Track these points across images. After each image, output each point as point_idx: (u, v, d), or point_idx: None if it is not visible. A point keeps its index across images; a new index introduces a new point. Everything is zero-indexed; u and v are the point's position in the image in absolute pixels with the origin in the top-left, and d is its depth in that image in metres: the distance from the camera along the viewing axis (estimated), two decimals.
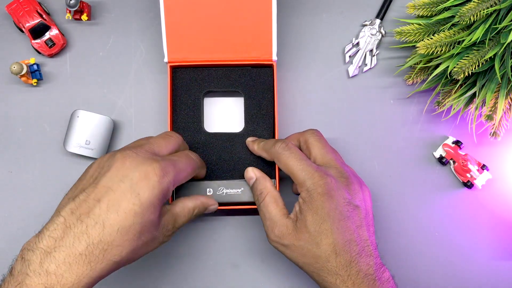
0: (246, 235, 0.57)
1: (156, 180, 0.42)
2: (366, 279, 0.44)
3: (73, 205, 0.41)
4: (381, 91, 0.59)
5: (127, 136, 0.58)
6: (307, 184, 0.46)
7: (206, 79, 0.55)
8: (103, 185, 0.41)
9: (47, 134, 0.57)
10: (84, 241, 0.39)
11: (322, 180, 0.46)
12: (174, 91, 0.55)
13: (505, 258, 0.57)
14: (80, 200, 0.41)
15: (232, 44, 0.53)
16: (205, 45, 0.53)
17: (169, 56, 0.53)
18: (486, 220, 0.57)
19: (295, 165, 0.47)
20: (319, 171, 0.46)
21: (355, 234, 0.45)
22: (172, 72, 0.54)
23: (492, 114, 0.52)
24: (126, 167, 0.42)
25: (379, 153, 0.58)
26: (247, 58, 0.54)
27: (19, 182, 0.57)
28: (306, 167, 0.47)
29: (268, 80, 0.55)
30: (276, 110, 0.54)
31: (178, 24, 0.52)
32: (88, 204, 0.40)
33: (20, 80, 0.58)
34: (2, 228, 0.56)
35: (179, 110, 0.55)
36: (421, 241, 0.57)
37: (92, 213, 0.40)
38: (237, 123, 0.57)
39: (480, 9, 0.47)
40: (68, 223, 0.40)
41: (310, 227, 0.45)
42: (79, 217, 0.40)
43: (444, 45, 0.50)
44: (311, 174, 0.46)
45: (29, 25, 0.56)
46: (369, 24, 0.59)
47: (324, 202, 0.45)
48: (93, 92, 0.58)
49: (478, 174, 0.56)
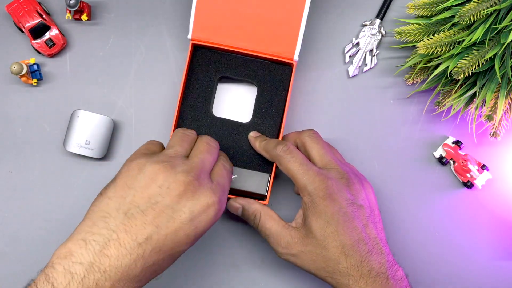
0: (246, 235, 0.57)
1: (213, 215, 0.42)
2: (378, 278, 0.44)
3: (126, 222, 0.39)
4: (381, 91, 0.59)
5: (127, 136, 0.58)
6: (309, 189, 0.46)
7: (224, 64, 0.55)
8: (163, 211, 0.40)
9: (47, 134, 0.57)
10: (140, 265, 0.39)
11: (323, 184, 0.46)
12: (190, 69, 0.55)
13: (505, 258, 0.57)
14: (136, 220, 0.40)
15: (257, 35, 0.53)
16: (231, 31, 0.53)
17: (193, 34, 0.53)
18: (486, 220, 0.57)
19: (296, 170, 0.47)
20: (319, 175, 0.46)
21: (363, 233, 0.45)
22: (192, 50, 0.54)
23: (492, 114, 0.52)
24: (188, 196, 0.41)
25: (379, 153, 0.58)
26: (269, 53, 0.53)
27: (19, 182, 0.57)
28: (307, 171, 0.47)
29: (285, 78, 0.55)
30: (287, 109, 0.54)
31: (208, 4, 0.52)
32: (146, 229, 0.39)
33: (20, 80, 0.58)
34: (2, 228, 0.56)
35: (191, 88, 0.54)
36: (421, 241, 0.57)
37: (150, 239, 0.39)
38: (245, 113, 0.56)
39: (480, 9, 0.47)
40: (122, 242, 0.39)
41: (315, 232, 0.45)
42: (135, 239, 0.39)
43: (444, 45, 0.50)
44: (312, 178, 0.46)
45: (29, 25, 0.56)
46: (369, 24, 0.59)
47: (326, 205, 0.45)
48: (93, 92, 0.58)
49: (478, 174, 0.56)
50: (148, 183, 0.41)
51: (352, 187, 0.47)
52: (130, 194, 0.41)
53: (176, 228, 0.40)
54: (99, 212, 0.41)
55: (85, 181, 0.57)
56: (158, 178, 0.41)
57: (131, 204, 0.40)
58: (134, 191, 0.41)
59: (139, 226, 0.39)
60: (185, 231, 0.41)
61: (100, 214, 0.40)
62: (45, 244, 0.56)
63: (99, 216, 0.40)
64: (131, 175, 0.42)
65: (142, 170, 0.42)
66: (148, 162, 0.42)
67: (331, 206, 0.45)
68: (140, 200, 0.41)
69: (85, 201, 0.57)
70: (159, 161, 0.42)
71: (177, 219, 0.40)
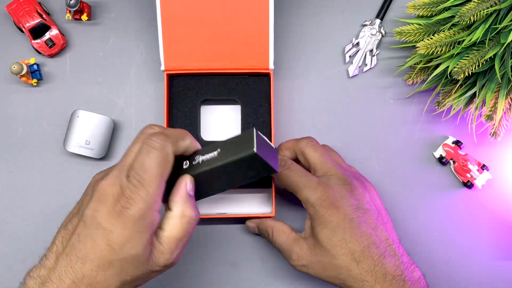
0: (246, 234, 0.57)
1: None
2: (394, 281, 0.43)
3: (63, 233, 0.40)
4: (381, 91, 0.59)
5: (127, 136, 0.58)
6: (311, 201, 0.46)
7: (203, 87, 0.55)
8: (82, 219, 0.39)
9: (47, 134, 0.57)
10: (70, 276, 0.38)
11: (324, 193, 0.45)
12: (171, 99, 0.55)
13: (505, 258, 0.57)
14: (67, 230, 0.40)
15: (228, 53, 0.53)
16: (202, 54, 0.53)
17: (166, 65, 0.53)
18: (486, 220, 0.57)
19: (297, 183, 0.47)
20: (320, 184, 0.46)
21: (373, 237, 0.45)
22: (168, 80, 0.55)
23: (492, 114, 0.52)
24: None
25: (379, 153, 0.58)
26: (244, 67, 0.54)
27: (19, 182, 0.57)
28: (307, 183, 0.46)
29: (265, 88, 0.55)
30: (273, 120, 0.54)
31: (174, 33, 0.52)
32: (72, 238, 0.39)
33: (20, 80, 0.58)
34: (2, 228, 0.56)
35: (175, 118, 0.55)
36: (421, 241, 0.57)
37: (74, 248, 0.38)
38: (234, 131, 0.57)
39: (480, 9, 0.47)
40: (58, 252, 0.39)
41: (323, 242, 0.45)
42: (65, 249, 0.39)
43: (444, 45, 0.50)
44: (313, 189, 0.46)
45: (29, 25, 0.56)
46: (369, 24, 0.59)
47: (331, 215, 0.45)
48: (93, 92, 0.58)
49: (478, 174, 0.56)
50: (86, 192, 0.43)
51: (355, 192, 0.47)
52: (78, 204, 0.42)
53: (92, 234, 0.38)
54: (62, 222, 0.42)
55: (85, 181, 0.57)
56: (90, 186, 0.43)
57: (72, 214, 0.41)
58: (80, 201, 0.42)
59: (68, 236, 0.39)
60: (101, 235, 0.38)
61: (60, 226, 0.41)
62: (45, 244, 0.56)
63: (58, 229, 0.41)
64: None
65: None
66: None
67: (336, 214, 0.45)
68: (77, 209, 0.41)
69: None
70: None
71: (91, 224, 0.39)
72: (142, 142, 0.40)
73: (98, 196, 0.39)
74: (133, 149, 0.41)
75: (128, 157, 0.41)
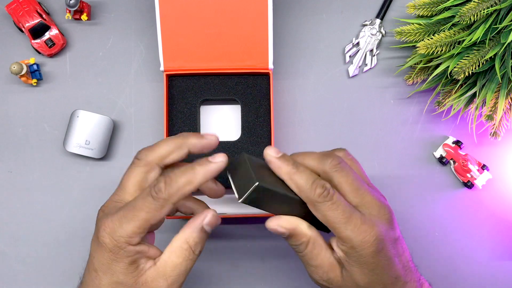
0: (246, 234, 0.57)
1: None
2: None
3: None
4: (381, 91, 0.59)
5: (127, 136, 0.58)
6: (354, 242, 0.39)
7: (202, 87, 0.55)
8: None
9: (47, 134, 0.57)
10: None
11: (371, 236, 0.39)
12: (170, 99, 0.55)
13: (505, 258, 0.57)
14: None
15: (228, 53, 0.53)
16: (201, 54, 0.53)
17: (165, 65, 0.53)
18: (486, 220, 0.57)
19: (338, 219, 0.39)
20: (364, 223, 0.39)
21: (399, 268, 0.41)
22: (168, 81, 0.55)
23: (493, 114, 0.52)
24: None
25: (379, 153, 0.58)
26: (243, 67, 0.54)
27: (19, 182, 0.57)
28: (350, 220, 0.39)
29: (264, 87, 0.55)
30: (272, 119, 0.54)
31: (173, 33, 0.52)
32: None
33: (20, 80, 0.58)
34: (2, 228, 0.56)
35: (175, 119, 0.55)
36: (421, 241, 0.57)
37: (84, 275, 0.41)
38: (234, 131, 0.57)
39: (480, 9, 0.47)
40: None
41: (358, 281, 0.41)
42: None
43: (444, 45, 0.50)
44: (357, 229, 0.39)
45: (29, 25, 0.56)
46: (369, 24, 0.59)
47: (374, 258, 0.40)
48: (93, 92, 0.58)
49: (478, 174, 0.56)
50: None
51: (393, 222, 0.42)
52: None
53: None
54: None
55: (85, 181, 0.57)
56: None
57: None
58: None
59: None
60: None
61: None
62: (45, 244, 0.56)
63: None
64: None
65: None
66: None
67: (379, 258, 0.40)
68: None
69: (85, 201, 0.57)
70: None
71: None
72: (135, 174, 0.41)
73: (96, 220, 0.40)
74: (126, 179, 0.41)
75: (122, 186, 0.41)
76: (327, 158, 0.41)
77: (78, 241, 0.56)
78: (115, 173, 0.57)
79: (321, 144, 0.58)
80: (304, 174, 0.40)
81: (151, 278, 0.39)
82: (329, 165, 0.40)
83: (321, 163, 0.41)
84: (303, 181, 0.39)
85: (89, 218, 0.56)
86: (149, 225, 0.38)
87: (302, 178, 0.40)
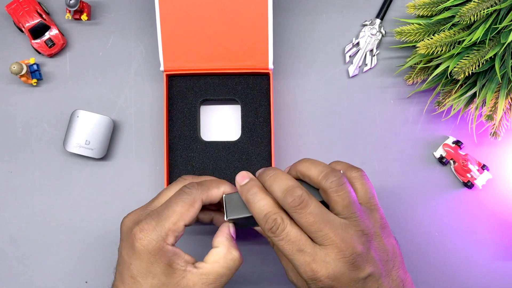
0: (246, 234, 0.57)
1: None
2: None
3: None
4: (381, 91, 0.59)
5: (127, 136, 0.58)
6: (304, 277, 0.40)
7: (202, 87, 0.55)
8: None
9: (47, 134, 0.57)
10: None
11: (321, 275, 0.39)
12: (170, 99, 0.55)
13: (505, 258, 0.57)
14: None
15: (228, 53, 0.53)
16: (201, 54, 0.53)
17: (165, 65, 0.53)
18: (486, 220, 0.57)
19: (287, 252, 0.40)
20: (316, 262, 0.40)
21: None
22: (168, 81, 0.55)
23: (493, 114, 0.52)
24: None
25: (379, 153, 0.58)
26: (243, 67, 0.54)
27: (19, 182, 0.57)
28: (298, 256, 0.40)
29: (264, 87, 0.55)
30: (272, 119, 0.54)
31: (173, 33, 0.52)
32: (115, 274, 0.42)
33: (20, 80, 0.58)
34: (2, 228, 0.56)
35: (175, 119, 0.55)
36: (421, 241, 0.57)
37: (115, 285, 0.41)
38: (234, 131, 0.57)
39: (480, 9, 0.47)
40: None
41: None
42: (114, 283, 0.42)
43: (444, 45, 0.50)
44: (306, 265, 0.40)
45: (29, 25, 0.56)
46: (369, 24, 0.59)
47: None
48: (93, 92, 0.58)
49: (478, 174, 0.56)
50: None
51: (355, 263, 0.40)
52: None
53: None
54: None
55: (85, 181, 0.57)
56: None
57: (121, 268, 0.42)
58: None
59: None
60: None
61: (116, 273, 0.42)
62: (45, 244, 0.56)
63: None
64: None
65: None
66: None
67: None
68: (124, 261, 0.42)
69: (85, 201, 0.57)
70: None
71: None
72: (175, 188, 0.44)
73: (121, 231, 0.41)
74: (164, 192, 0.44)
75: (156, 198, 0.44)
76: (330, 175, 0.41)
77: (78, 241, 0.56)
78: (115, 173, 0.57)
79: (321, 144, 0.58)
80: (258, 205, 0.41)
81: (192, 283, 0.40)
82: (329, 183, 0.41)
83: (324, 179, 0.41)
84: (257, 213, 0.41)
85: (89, 218, 0.57)
86: (183, 223, 0.40)
87: (255, 210, 0.41)
